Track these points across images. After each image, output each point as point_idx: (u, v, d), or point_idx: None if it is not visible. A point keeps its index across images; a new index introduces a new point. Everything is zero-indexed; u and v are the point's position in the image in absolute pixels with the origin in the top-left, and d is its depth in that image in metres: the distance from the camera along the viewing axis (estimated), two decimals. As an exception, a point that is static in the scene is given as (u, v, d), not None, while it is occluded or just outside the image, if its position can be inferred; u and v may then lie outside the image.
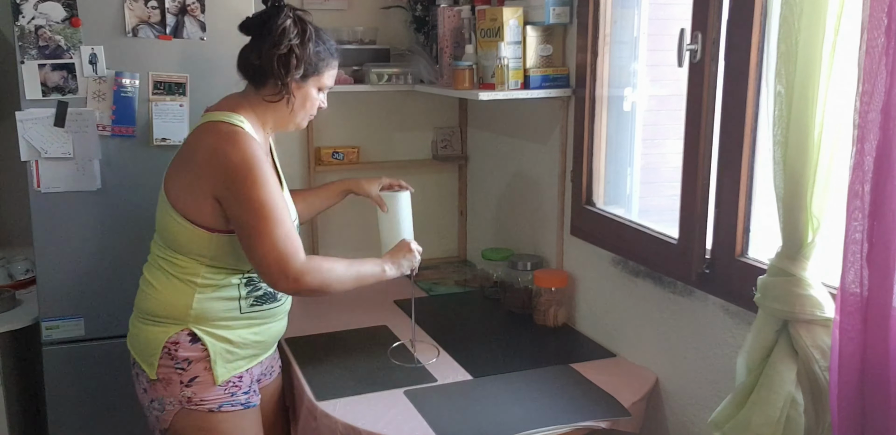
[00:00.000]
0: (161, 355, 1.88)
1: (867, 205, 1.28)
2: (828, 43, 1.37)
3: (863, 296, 1.31)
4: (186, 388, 1.89)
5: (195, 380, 1.89)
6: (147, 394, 1.93)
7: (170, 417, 1.90)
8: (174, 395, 1.89)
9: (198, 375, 1.89)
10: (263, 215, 1.77)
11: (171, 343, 1.88)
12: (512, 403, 2.00)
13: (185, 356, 1.88)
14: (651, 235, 2.11)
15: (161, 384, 1.90)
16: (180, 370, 1.88)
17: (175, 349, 1.88)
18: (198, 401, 1.89)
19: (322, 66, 1.92)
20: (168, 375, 1.89)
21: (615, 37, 2.32)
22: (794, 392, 1.49)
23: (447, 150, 3.30)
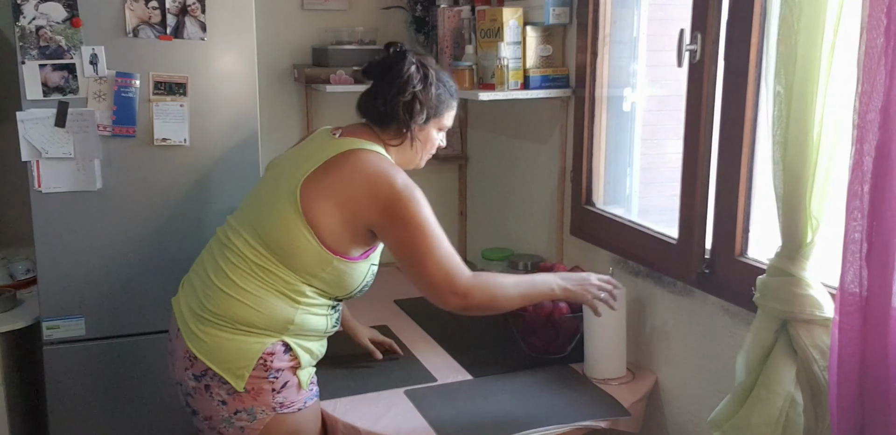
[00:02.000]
0: (255, 366, 1.80)
1: (866, 205, 1.28)
2: (827, 43, 1.37)
3: (862, 296, 1.31)
4: (278, 394, 1.83)
5: (286, 385, 1.84)
6: (227, 406, 1.82)
7: (261, 425, 1.83)
8: (266, 403, 1.82)
9: (287, 380, 1.85)
10: (428, 234, 1.78)
11: (267, 354, 1.81)
12: (512, 403, 2.00)
13: (278, 366, 1.82)
14: (651, 234, 2.12)
15: (250, 395, 1.81)
16: (272, 379, 1.82)
17: (271, 360, 1.82)
18: (289, 404, 1.85)
19: (443, 108, 1.93)
20: (258, 384, 1.81)
21: (615, 37, 2.33)
22: (794, 392, 1.50)
23: (447, 149, 3.29)
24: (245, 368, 1.80)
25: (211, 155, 2.46)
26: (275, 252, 1.81)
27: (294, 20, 3.03)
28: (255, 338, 1.81)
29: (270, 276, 1.81)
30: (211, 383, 1.82)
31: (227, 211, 2.31)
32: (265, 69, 2.88)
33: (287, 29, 3.03)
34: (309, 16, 3.05)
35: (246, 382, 1.80)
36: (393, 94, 1.86)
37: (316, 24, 3.04)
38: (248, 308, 1.80)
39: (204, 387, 1.83)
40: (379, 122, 1.91)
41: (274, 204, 1.83)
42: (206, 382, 1.82)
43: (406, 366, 2.23)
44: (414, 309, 2.70)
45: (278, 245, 1.80)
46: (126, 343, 2.49)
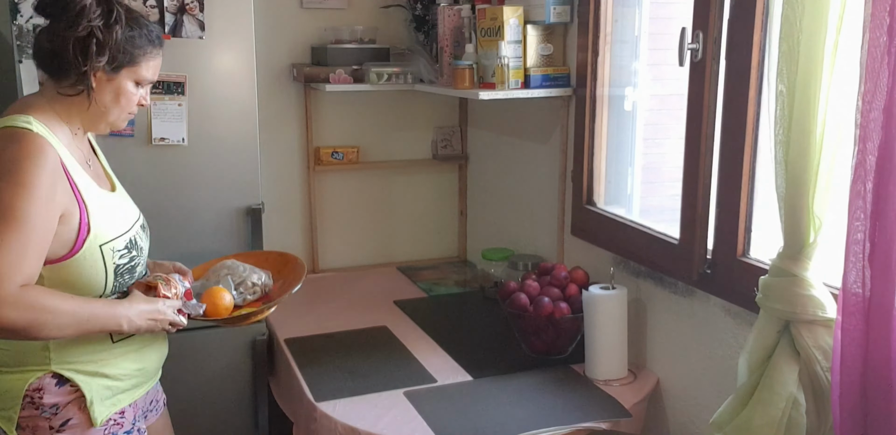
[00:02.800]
0: (23, 405, 1.55)
1: (869, 205, 1.27)
2: (829, 42, 1.36)
3: (865, 296, 1.30)
4: (58, 434, 1.57)
5: (68, 423, 1.57)
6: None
7: None
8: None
9: (70, 418, 1.57)
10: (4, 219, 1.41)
11: (32, 390, 1.55)
12: (512, 404, 1.99)
13: (52, 402, 1.56)
14: (652, 235, 2.11)
15: (27, 433, 1.56)
16: (49, 415, 1.56)
17: (39, 396, 1.55)
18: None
19: (138, 54, 1.57)
20: (33, 423, 1.56)
21: (616, 36, 2.32)
22: (796, 393, 1.49)
23: (447, 149, 3.29)
24: (12, 410, 1.56)
25: (209, 155, 2.45)
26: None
27: (293, 19, 3.02)
28: (16, 374, 1.56)
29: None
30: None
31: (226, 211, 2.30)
32: (264, 68, 2.88)
33: (286, 28, 3.02)
34: (308, 14, 3.04)
35: (17, 423, 1.55)
36: (62, 28, 1.50)
37: (315, 22, 3.04)
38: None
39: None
40: (50, 68, 1.55)
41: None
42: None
43: (406, 367, 2.22)
44: (414, 310, 2.69)
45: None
46: (124, 344, 2.48)
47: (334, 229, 3.19)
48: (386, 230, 3.30)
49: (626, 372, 2.14)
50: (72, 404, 1.57)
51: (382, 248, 3.29)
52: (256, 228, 2.48)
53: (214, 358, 2.49)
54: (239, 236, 2.49)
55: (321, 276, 3.11)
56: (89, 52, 1.50)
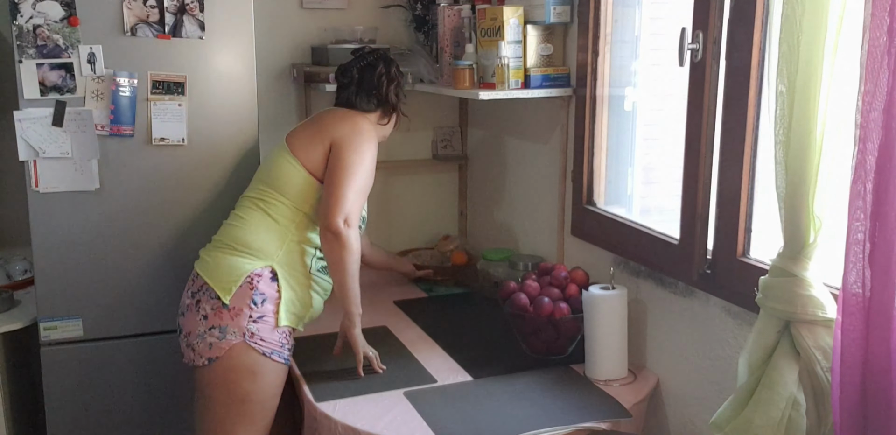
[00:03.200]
0: (242, 284, 2.05)
1: (869, 205, 1.27)
2: (829, 42, 1.36)
3: (865, 296, 1.30)
4: (253, 323, 2.04)
5: (262, 318, 2.05)
6: (207, 320, 2.04)
7: (227, 346, 2.02)
8: (240, 326, 2.02)
9: (265, 314, 2.06)
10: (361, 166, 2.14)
11: (255, 274, 2.07)
12: (512, 405, 1.99)
13: (262, 290, 2.06)
14: (652, 235, 2.11)
15: (230, 313, 2.03)
16: (253, 305, 2.04)
17: (257, 281, 2.06)
18: (258, 339, 2.04)
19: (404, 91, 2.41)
20: (240, 306, 2.04)
21: (616, 36, 2.32)
22: (796, 393, 1.49)
23: (447, 149, 3.29)
24: (233, 283, 2.06)
25: (209, 155, 2.45)
26: (272, 184, 2.17)
27: (293, 19, 3.02)
28: (248, 259, 2.10)
29: (268, 205, 2.16)
30: (202, 298, 2.08)
31: (225, 211, 2.31)
32: (264, 68, 2.87)
33: (286, 28, 3.02)
34: (308, 15, 3.04)
35: (232, 295, 2.04)
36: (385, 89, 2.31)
37: (315, 22, 3.04)
38: (245, 231, 2.14)
39: (195, 302, 2.09)
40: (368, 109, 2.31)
41: (269, 156, 2.27)
42: (198, 297, 2.09)
43: (406, 367, 2.22)
44: (414, 310, 2.69)
45: (274, 178, 2.18)
46: (124, 344, 2.48)
47: None
48: (386, 230, 3.30)
49: (626, 372, 2.14)
50: (271, 301, 2.09)
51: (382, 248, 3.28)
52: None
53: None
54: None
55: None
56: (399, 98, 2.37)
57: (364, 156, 2.15)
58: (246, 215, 2.17)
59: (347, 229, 2.07)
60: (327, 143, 2.16)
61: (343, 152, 2.13)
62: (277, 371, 2.10)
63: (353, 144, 2.15)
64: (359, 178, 2.12)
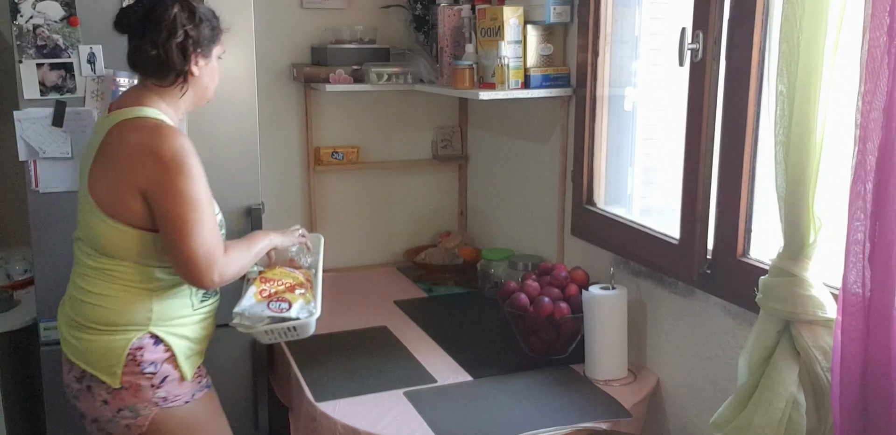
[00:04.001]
0: (126, 362, 1.81)
1: (869, 205, 1.27)
2: (830, 42, 1.36)
3: (865, 296, 1.30)
4: (159, 389, 1.84)
5: (165, 380, 1.85)
6: (109, 405, 1.84)
7: (146, 422, 1.85)
8: (147, 400, 1.84)
9: (167, 375, 1.85)
10: (196, 208, 1.74)
11: (135, 349, 1.82)
12: (512, 404, 1.99)
13: (151, 359, 1.83)
14: (652, 235, 2.11)
15: (129, 392, 1.83)
16: (150, 374, 1.83)
17: (140, 354, 1.82)
18: (173, 398, 1.86)
19: (217, 35, 1.89)
20: (135, 381, 1.82)
21: (616, 36, 2.32)
22: (796, 393, 1.49)
23: (447, 149, 3.29)
24: (116, 366, 1.81)
25: (209, 155, 2.42)
26: (101, 251, 1.83)
27: (293, 19, 3.02)
28: (119, 335, 1.82)
29: (111, 274, 1.83)
30: (91, 384, 1.85)
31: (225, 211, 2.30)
32: (264, 68, 2.87)
33: (286, 28, 3.02)
34: (308, 14, 3.04)
35: (119, 378, 1.81)
36: (162, 39, 1.77)
37: (315, 22, 3.03)
38: (102, 309, 1.83)
39: (86, 388, 1.86)
40: (157, 73, 1.82)
41: (82, 207, 1.86)
42: (86, 383, 1.86)
43: (406, 367, 2.22)
44: (414, 310, 2.69)
45: (99, 244, 1.83)
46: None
47: (334, 229, 3.19)
48: (386, 230, 3.30)
49: (626, 372, 2.14)
50: (167, 362, 1.85)
51: (382, 248, 3.29)
52: (256, 228, 2.47)
53: (215, 357, 2.47)
54: (239, 236, 2.48)
55: (321, 276, 3.11)
56: (188, 53, 1.80)
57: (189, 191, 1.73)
58: (98, 290, 1.84)
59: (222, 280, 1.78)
60: (137, 194, 1.75)
61: (164, 203, 1.74)
62: (207, 403, 1.96)
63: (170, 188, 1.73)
64: (199, 223, 1.74)
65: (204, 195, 1.77)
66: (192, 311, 1.91)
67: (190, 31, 1.79)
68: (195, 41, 1.81)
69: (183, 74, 1.82)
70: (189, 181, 1.73)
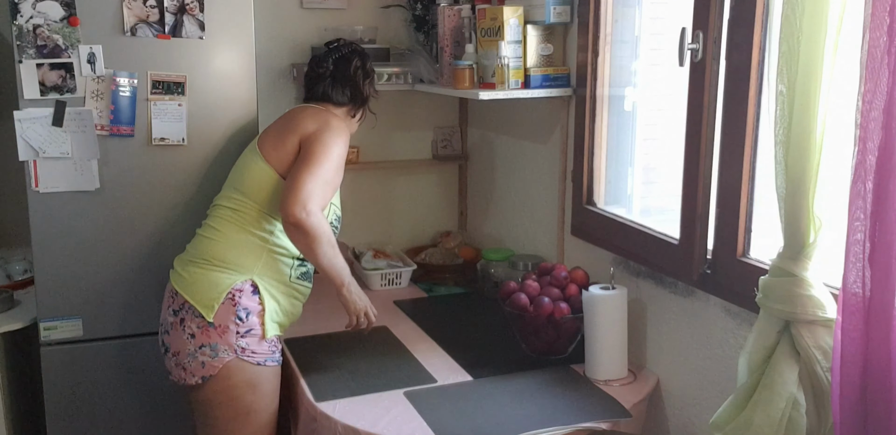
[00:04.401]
0: (224, 300, 2.02)
1: (869, 205, 1.27)
2: (830, 42, 1.36)
3: (865, 296, 1.30)
4: (242, 338, 2.03)
5: (250, 332, 2.05)
6: (195, 339, 2.02)
7: (220, 364, 2.02)
8: (229, 343, 2.02)
9: (252, 328, 2.05)
10: (327, 163, 2.05)
11: (236, 290, 2.04)
12: (512, 404, 1.99)
13: (245, 305, 2.04)
14: (652, 235, 2.10)
15: (217, 331, 2.02)
16: (238, 320, 2.03)
17: (239, 296, 2.04)
18: (250, 353, 2.04)
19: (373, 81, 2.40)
20: (225, 322, 2.02)
21: (616, 36, 2.32)
22: (796, 393, 1.49)
23: (447, 149, 3.29)
24: (215, 300, 2.02)
25: (209, 155, 2.45)
26: (245, 193, 2.12)
27: (293, 19, 3.02)
28: (227, 273, 2.07)
29: (243, 216, 2.10)
30: (185, 317, 2.05)
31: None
32: (264, 68, 2.87)
33: (286, 28, 3.02)
34: (308, 14, 3.04)
35: (215, 313, 2.01)
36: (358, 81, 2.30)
37: (315, 22, 3.03)
38: (220, 245, 2.10)
39: (179, 321, 2.06)
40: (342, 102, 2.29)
41: (242, 160, 2.22)
42: (181, 315, 2.06)
43: (406, 367, 2.22)
44: (414, 310, 2.69)
45: (247, 186, 2.12)
46: (124, 344, 2.48)
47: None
48: (386, 230, 3.30)
49: (626, 372, 2.14)
50: (256, 314, 2.06)
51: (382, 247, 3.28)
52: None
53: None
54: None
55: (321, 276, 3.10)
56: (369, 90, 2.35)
57: (330, 149, 2.08)
58: (221, 227, 2.13)
59: (308, 217, 1.97)
60: (296, 140, 2.11)
61: (310, 146, 2.08)
62: (274, 375, 2.12)
63: (322, 138, 2.09)
64: (322, 170, 2.04)
65: (339, 162, 2.10)
66: (289, 281, 2.15)
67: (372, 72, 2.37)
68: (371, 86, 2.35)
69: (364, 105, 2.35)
70: (337, 145, 2.10)
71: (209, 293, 2.04)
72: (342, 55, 2.30)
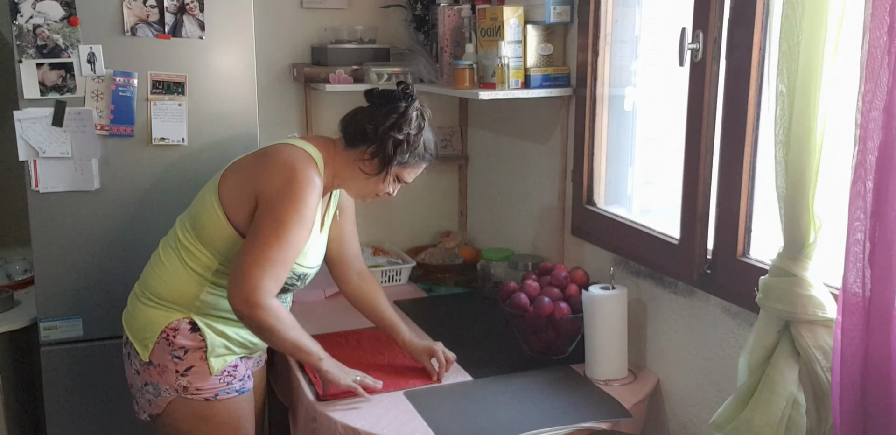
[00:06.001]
0: (158, 340, 1.92)
1: (869, 205, 1.27)
2: (830, 42, 1.36)
3: (865, 296, 1.30)
4: (182, 377, 1.92)
5: (191, 369, 1.93)
6: (140, 376, 1.96)
7: (164, 403, 1.94)
8: (169, 383, 1.92)
9: (193, 365, 1.93)
10: (279, 235, 1.79)
11: (170, 329, 1.92)
12: (512, 404, 1.99)
13: (182, 344, 1.92)
14: (652, 235, 2.11)
15: (156, 370, 1.93)
16: (176, 359, 1.92)
17: (174, 335, 1.92)
18: (194, 390, 1.93)
19: (417, 162, 1.97)
20: (163, 362, 1.92)
21: (616, 36, 2.32)
22: (796, 393, 1.49)
23: (447, 150, 3.29)
24: (149, 339, 1.93)
25: (209, 155, 2.44)
26: (194, 229, 1.95)
27: (293, 19, 3.02)
28: (163, 311, 1.94)
29: (188, 253, 1.95)
30: (130, 351, 1.99)
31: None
32: (264, 68, 2.87)
33: (286, 28, 3.02)
34: (308, 14, 3.04)
35: (150, 353, 1.92)
36: (388, 127, 1.90)
37: (315, 22, 3.04)
38: (159, 279, 1.97)
39: (127, 355, 2.01)
40: (352, 140, 1.96)
41: (204, 189, 2.01)
42: (127, 349, 2.00)
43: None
44: (414, 310, 2.69)
45: (197, 222, 1.95)
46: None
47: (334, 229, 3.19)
48: (386, 230, 3.30)
49: (626, 372, 2.14)
50: (195, 352, 1.93)
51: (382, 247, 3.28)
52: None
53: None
54: (239, 236, 2.49)
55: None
56: (396, 152, 1.90)
57: (284, 224, 1.79)
58: (166, 260, 1.97)
59: (253, 311, 1.77)
60: (253, 197, 1.85)
61: (262, 217, 1.82)
62: (232, 406, 1.98)
63: (276, 207, 1.81)
64: (271, 252, 1.78)
65: (296, 233, 1.81)
66: None
67: (411, 136, 1.91)
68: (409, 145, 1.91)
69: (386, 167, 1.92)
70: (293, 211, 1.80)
71: (143, 331, 1.94)
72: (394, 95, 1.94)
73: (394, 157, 1.91)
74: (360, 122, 1.94)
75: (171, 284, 1.95)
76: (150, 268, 2.03)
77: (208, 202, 1.93)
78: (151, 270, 2.02)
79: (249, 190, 1.86)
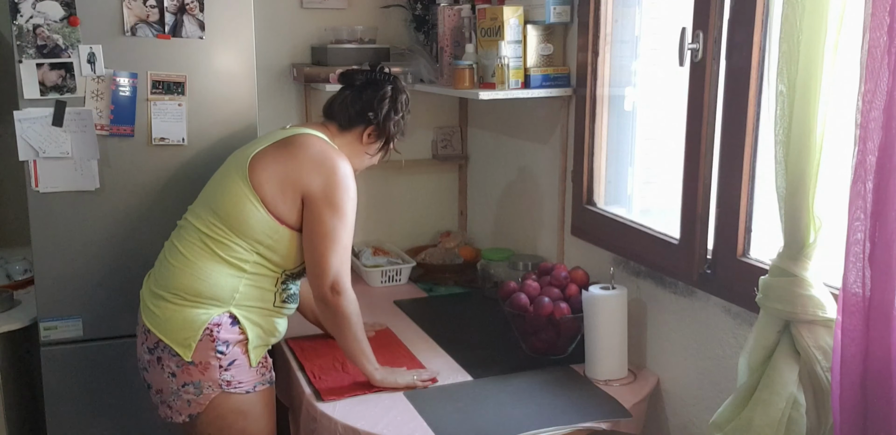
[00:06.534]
0: (201, 337, 1.92)
1: (869, 205, 1.27)
2: (830, 42, 1.36)
3: (865, 296, 1.30)
4: (226, 371, 1.95)
5: (234, 363, 1.96)
6: (177, 378, 1.94)
7: (206, 401, 1.94)
8: (213, 379, 1.93)
9: (236, 359, 1.96)
10: (343, 221, 1.96)
11: (213, 325, 1.93)
12: (512, 404, 1.99)
13: (225, 338, 1.94)
14: (652, 235, 2.11)
15: (198, 368, 1.93)
16: (220, 354, 1.93)
17: (217, 331, 1.93)
18: (236, 383, 1.96)
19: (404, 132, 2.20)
20: (206, 359, 1.92)
21: (616, 36, 2.32)
22: (796, 393, 1.49)
23: (447, 149, 3.29)
24: (191, 338, 1.92)
25: (209, 155, 2.44)
26: (225, 221, 1.96)
27: (293, 19, 3.03)
28: (202, 308, 1.94)
29: (219, 245, 1.96)
30: (162, 355, 1.95)
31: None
32: (264, 68, 2.87)
33: (286, 28, 3.02)
34: (308, 14, 3.04)
35: (193, 352, 1.91)
36: (387, 111, 2.09)
37: (315, 22, 3.04)
38: (194, 278, 1.95)
39: (156, 359, 1.96)
40: (348, 125, 2.11)
41: (225, 179, 2.02)
42: (157, 354, 1.96)
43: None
44: (414, 309, 2.69)
45: (228, 213, 1.96)
46: (124, 344, 2.47)
47: None
48: (386, 230, 3.30)
49: (626, 372, 2.14)
50: (237, 346, 1.96)
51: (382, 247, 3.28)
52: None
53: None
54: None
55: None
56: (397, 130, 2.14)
57: (345, 214, 1.97)
58: (192, 256, 1.97)
59: (340, 298, 1.96)
60: (299, 195, 1.95)
61: (321, 213, 1.95)
62: (265, 398, 2.05)
63: (332, 201, 1.95)
64: (342, 240, 1.96)
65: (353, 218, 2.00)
66: (272, 306, 2.04)
67: (407, 116, 2.15)
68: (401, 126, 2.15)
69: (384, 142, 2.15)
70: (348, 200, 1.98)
71: (184, 332, 1.92)
72: (375, 78, 2.11)
73: (394, 135, 2.13)
74: (350, 106, 2.09)
75: (209, 280, 1.95)
76: (174, 267, 1.98)
77: (241, 194, 1.95)
78: (177, 269, 1.97)
79: (290, 184, 1.95)
